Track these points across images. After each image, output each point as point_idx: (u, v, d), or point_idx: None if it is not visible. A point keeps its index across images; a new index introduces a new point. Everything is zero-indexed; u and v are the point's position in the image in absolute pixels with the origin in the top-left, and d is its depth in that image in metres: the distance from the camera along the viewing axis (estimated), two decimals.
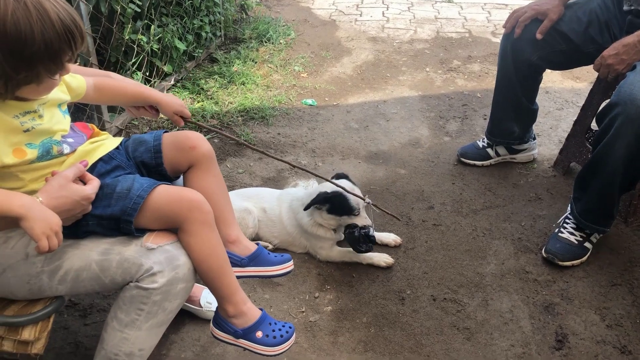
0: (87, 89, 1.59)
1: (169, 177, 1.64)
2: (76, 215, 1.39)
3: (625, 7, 2.39)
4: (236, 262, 1.67)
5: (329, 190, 2.23)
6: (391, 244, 2.44)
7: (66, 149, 1.45)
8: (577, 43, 2.50)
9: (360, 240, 2.22)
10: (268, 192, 2.49)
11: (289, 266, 1.77)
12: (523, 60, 2.64)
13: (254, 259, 1.71)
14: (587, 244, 2.37)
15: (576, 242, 2.36)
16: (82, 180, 1.41)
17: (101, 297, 2.15)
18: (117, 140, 1.62)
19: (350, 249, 2.31)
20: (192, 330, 2.03)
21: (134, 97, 1.71)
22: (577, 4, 2.55)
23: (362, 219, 2.26)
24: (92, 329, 2.02)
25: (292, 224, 2.37)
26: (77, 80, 1.55)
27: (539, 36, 2.52)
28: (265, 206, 2.40)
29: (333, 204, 2.23)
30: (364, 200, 2.24)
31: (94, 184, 1.41)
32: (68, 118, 1.50)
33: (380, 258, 2.33)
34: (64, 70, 1.33)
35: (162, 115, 1.82)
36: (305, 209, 2.25)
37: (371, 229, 2.25)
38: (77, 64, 2.78)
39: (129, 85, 1.73)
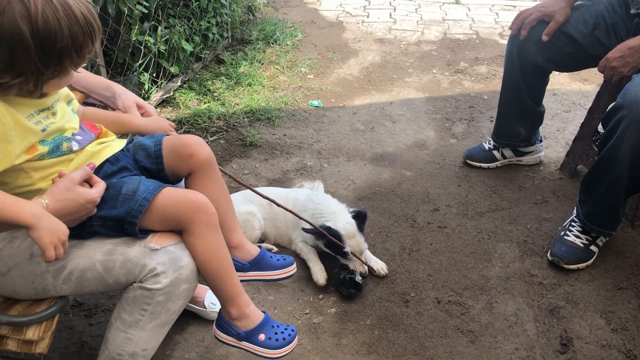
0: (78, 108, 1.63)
1: (170, 182, 1.64)
2: (81, 218, 1.40)
3: (632, 11, 2.38)
4: (238, 267, 1.67)
5: (332, 227, 2.18)
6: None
7: (75, 145, 1.47)
8: (583, 45, 2.49)
9: (344, 283, 2.20)
10: (274, 191, 2.49)
11: (291, 270, 1.78)
12: (529, 62, 2.63)
13: (256, 264, 1.71)
14: (593, 247, 2.36)
15: (582, 246, 2.34)
16: (88, 182, 1.42)
17: (106, 297, 2.16)
18: (123, 142, 1.63)
19: (310, 250, 2.34)
20: (196, 331, 2.03)
21: (113, 127, 1.70)
22: (583, 6, 2.54)
23: (352, 264, 2.23)
24: (97, 329, 2.03)
25: (293, 221, 2.37)
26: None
27: (545, 38, 2.51)
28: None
29: (329, 241, 2.19)
30: (348, 254, 2.19)
31: (99, 187, 1.42)
32: (77, 117, 1.53)
33: (320, 276, 2.26)
34: (84, 63, 1.38)
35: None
36: (305, 230, 2.23)
37: (359, 276, 2.20)
38: (84, 65, 2.81)
39: (109, 116, 1.73)
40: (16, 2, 1.21)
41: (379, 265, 2.32)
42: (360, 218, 2.27)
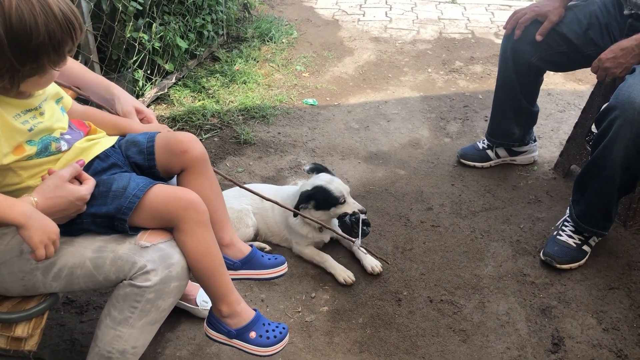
0: (72, 108, 1.61)
1: (162, 179, 1.63)
2: (70, 215, 1.39)
3: (625, 11, 2.39)
4: (229, 265, 1.66)
5: (309, 187, 2.25)
6: (368, 269, 2.30)
7: (64, 145, 1.46)
8: (577, 45, 2.50)
9: (353, 226, 2.22)
10: (266, 188, 2.49)
11: (282, 269, 1.77)
12: (523, 62, 2.63)
13: (247, 262, 1.71)
14: (585, 247, 2.36)
15: (574, 245, 2.35)
16: (78, 179, 1.41)
17: (98, 294, 2.16)
18: (114, 139, 1.63)
19: (319, 253, 2.35)
20: (187, 329, 2.03)
21: (112, 131, 1.69)
22: (577, 6, 2.54)
23: (350, 206, 2.27)
24: (88, 326, 2.02)
25: (282, 220, 2.40)
26: (66, 94, 1.58)
27: (539, 38, 2.52)
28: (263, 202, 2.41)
29: (317, 199, 2.25)
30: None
31: (89, 184, 1.41)
32: (66, 116, 1.51)
33: (344, 273, 2.26)
34: (65, 62, 1.35)
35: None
36: (295, 214, 2.24)
37: (362, 215, 2.24)
38: (79, 60, 2.80)
39: (109, 120, 1.72)
40: None
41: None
42: (321, 169, 2.39)
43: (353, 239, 2.22)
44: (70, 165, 1.40)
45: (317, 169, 2.40)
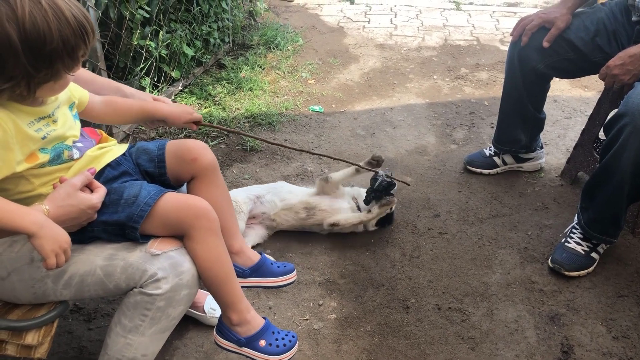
0: (90, 102, 1.61)
1: (172, 186, 1.64)
2: (82, 223, 1.40)
3: (634, 18, 2.39)
4: (239, 273, 1.67)
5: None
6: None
7: (76, 154, 1.47)
8: (584, 52, 2.49)
9: (383, 183, 2.44)
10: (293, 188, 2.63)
11: (291, 277, 1.77)
12: (530, 68, 2.63)
13: (256, 270, 1.71)
14: (593, 255, 2.35)
15: (583, 253, 2.34)
16: (89, 187, 1.42)
17: (106, 302, 2.16)
18: (124, 147, 1.63)
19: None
20: (195, 337, 2.03)
21: (138, 115, 1.71)
22: (584, 13, 2.55)
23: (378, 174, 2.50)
24: (97, 334, 2.02)
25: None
26: (79, 90, 1.58)
27: (546, 44, 2.52)
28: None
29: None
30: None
31: (100, 193, 1.42)
32: (79, 123, 1.52)
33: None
34: (78, 66, 1.36)
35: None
36: (369, 201, 2.48)
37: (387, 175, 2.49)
38: (86, 67, 2.81)
39: (135, 104, 1.73)
40: (2, 4, 1.19)
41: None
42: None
43: (376, 170, 2.49)
44: (82, 174, 1.40)
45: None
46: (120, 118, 1.72)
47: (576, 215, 2.44)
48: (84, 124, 1.59)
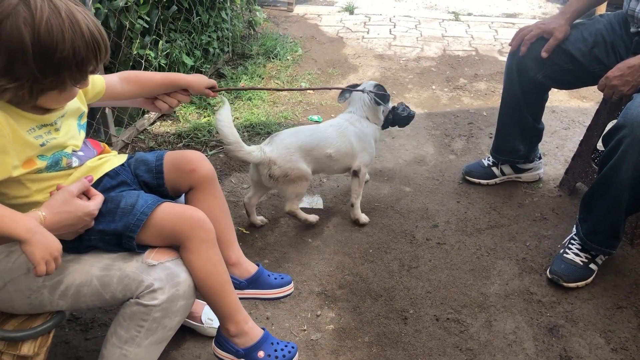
0: (108, 85, 1.63)
1: (170, 197, 1.63)
2: (78, 231, 1.39)
3: (632, 29, 2.40)
4: (236, 284, 1.66)
5: (374, 85, 2.70)
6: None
7: (75, 162, 1.46)
8: (582, 63, 2.50)
9: (403, 109, 2.76)
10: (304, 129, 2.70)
11: (288, 289, 1.77)
12: (528, 79, 2.64)
13: (253, 282, 1.71)
14: (592, 266, 2.35)
15: (581, 264, 2.33)
16: (86, 195, 1.42)
17: (103, 312, 2.15)
18: (123, 157, 1.63)
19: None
20: (192, 347, 2.02)
21: (163, 83, 1.75)
22: (583, 24, 2.56)
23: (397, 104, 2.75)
24: (93, 344, 2.01)
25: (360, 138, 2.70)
26: (94, 79, 1.59)
27: (544, 55, 2.53)
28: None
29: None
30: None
31: (97, 200, 1.42)
32: (83, 134, 1.53)
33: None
34: (86, 82, 1.37)
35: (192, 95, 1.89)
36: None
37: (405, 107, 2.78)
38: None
39: (156, 74, 1.77)
40: (23, 8, 1.22)
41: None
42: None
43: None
44: (79, 181, 1.40)
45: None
46: (145, 90, 1.75)
47: (575, 226, 2.44)
48: (88, 134, 1.60)
